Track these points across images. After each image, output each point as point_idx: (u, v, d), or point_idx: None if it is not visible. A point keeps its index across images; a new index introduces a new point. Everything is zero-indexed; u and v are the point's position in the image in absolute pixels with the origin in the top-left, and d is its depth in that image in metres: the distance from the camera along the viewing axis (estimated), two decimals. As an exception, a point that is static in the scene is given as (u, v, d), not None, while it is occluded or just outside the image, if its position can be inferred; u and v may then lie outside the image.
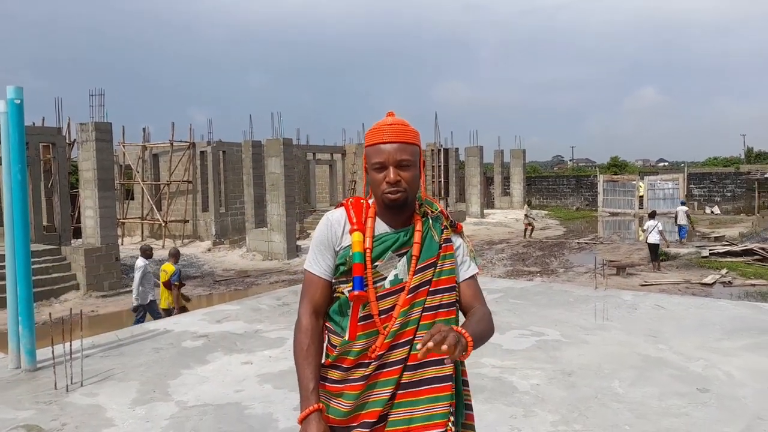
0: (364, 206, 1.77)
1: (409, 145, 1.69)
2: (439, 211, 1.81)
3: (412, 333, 1.68)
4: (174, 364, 5.07)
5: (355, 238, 1.70)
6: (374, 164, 1.68)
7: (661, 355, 5.09)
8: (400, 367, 1.66)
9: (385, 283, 1.69)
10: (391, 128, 1.69)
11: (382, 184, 1.67)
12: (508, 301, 7.35)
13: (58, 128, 16.73)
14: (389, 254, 1.70)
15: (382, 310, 1.68)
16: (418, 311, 1.69)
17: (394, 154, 1.66)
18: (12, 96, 4.93)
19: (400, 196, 1.67)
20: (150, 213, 22.50)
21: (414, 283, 1.69)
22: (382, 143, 1.68)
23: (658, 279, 12.88)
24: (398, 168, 1.66)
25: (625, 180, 33.01)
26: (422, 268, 1.71)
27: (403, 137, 1.68)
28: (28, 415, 4.06)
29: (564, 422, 3.79)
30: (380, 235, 1.72)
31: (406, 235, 1.72)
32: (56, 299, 12.70)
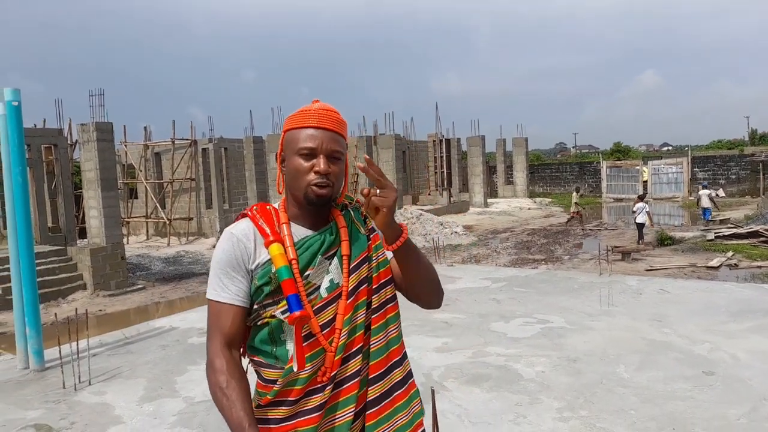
0: (272, 212, 1.53)
1: (340, 136, 1.50)
2: (356, 200, 1.61)
3: (361, 339, 1.48)
4: (181, 361, 5.10)
5: (274, 251, 1.44)
6: (301, 150, 1.45)
7: (666, 339, 5.08)
8: (357, 381, 1.47)
9: (321, 293, 1.45)
10: (323, 113, 1.48)
11: (309, 174, 1.44)
12: (512, 290, 7.35)
13: (60, 129, 16.75)
14: (318, 259, 1.47)
15: (324, 324, 1.44)
16: (362, 314, 1.49)
17: (328, 143, 1.45)
18: (10, 98, 4.93)
19: (327, 192, 1.45)
20: (154, 211, 22.56)
21: (352, 284, 1.47)
22: (314, 127, 1.46)
23: (663, 263, 12.84)
24: (328, 159, 1.46)
25: (628, 165, 32.86)
26: (357, 265, 1.50)
27: (336, 126, 1.49)
28: (38, 414, 4.09)
29: (569, 408, 3.79)
30: (302, 240, 1.49)
31: (332, 233, 1.50)
32: (64, 299, 12.78)
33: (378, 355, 1.50)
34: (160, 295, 13.33)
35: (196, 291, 13.44)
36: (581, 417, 3.67)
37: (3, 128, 5.07)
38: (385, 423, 1.49)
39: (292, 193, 1.50)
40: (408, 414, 1.53)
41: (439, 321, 6.00)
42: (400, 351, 1.57)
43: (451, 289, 7.58)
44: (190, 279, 14.81)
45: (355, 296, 1.48)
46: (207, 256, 18.59)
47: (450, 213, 25.22)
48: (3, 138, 5.10)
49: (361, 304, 1.49)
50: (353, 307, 1.47)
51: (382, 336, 1.52)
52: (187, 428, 3.77)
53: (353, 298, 1.48)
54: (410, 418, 1.53)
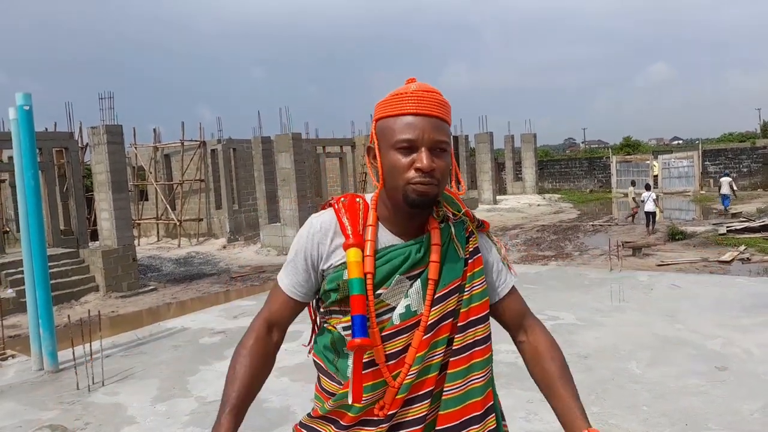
0: (360, 207, 1.30)
1: (445, 123, 1.23)
2: (464, 212, 1.34)
3: (433, 382, 1.25)
4: (193, 361, 5.13)
5: (351, 257, 1.23)
6: (399, 143, 1.20)
7: (678, 335, 5.05)
8: (420, 428, 1.24)
9: (393, 318, 1.24)
10: (423, 95, 1.21)
11: (409, 171, 1.19)
12: (522, 287, 7.29)
13: (70, 133, 16.91)
14: (397, 277, 1.24)
15: (391, 354, 1.23)
16: (440, 354, 1.25)
17: (430, 132, 1.19)
18: (21, 102, 4.99)
19: (431, 190, 1.20)
20: (164, 213, 22.72)
21: (433, 317, 1.24)
22: (412, 114, 1.20)
23: (674, 258, 12.74)
24: (432, 152, 1.20)
25: (638, 160, 32.62)
26: (443, 296, 1.25)
27: (440, 111, 1.22)
28: (53, 415, 4.14)
29: (581, 405, 3.78)
30: (385, 250, 1.26)
31: (420, 250, 1.26)
32: (77, 301, 12.91)
33: (451, 405, 1.25)
34: (171, 296, 13.44)
35: (207, 291, 13.52)
36: (593, 413, 3.66)
37: (15, 132, 5.13)
38: None
39: (388, 192, 1.26)
40: None
41: (449, 319, 6.00)
42: (483, 405, 1.29)
43: (460, 286, 7.58)
44: (201, 280, 14.91)
45: (435, 332, 1.24)
46: (218, 256, 18.69)
47: (459, 210, 25.15)
48: (15, 142, 5.16)
49: (441, 341, 1.25)
50: (429, 344, 1.24)
51: (461, 384, 1.26)
52: (200, 428, 3.80)
53: (432, 333, 1.24)
54: None
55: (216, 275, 15.68)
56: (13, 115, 5.12)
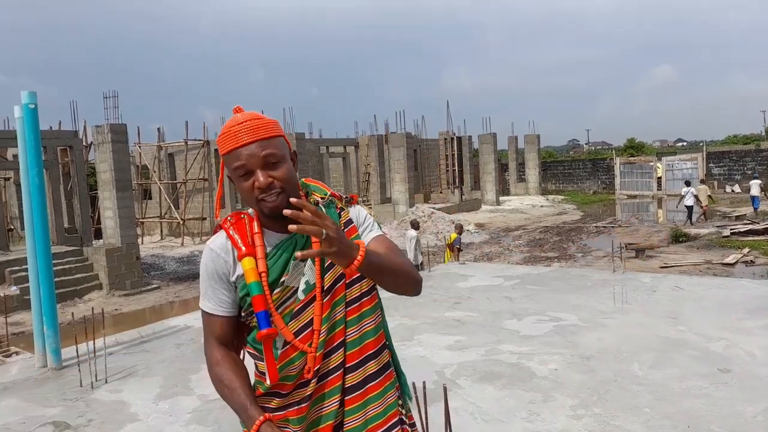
0: (246, 222, 1.53)
1: (270, 140, 1.45)
2: (330, 194, 1.60)
3: (342, 334, 1.53)
4: (195, 359, 5.15)
5: (246, 266, 1.47)
6: (236, 172, 1.44)
7: (681, 337, 5.04)
8: (341, 372, 1.53)
9: (299, 295, 1.49)
10: (243, 126, 1.44)
11: (254, 191, 1.43)
12: (525, 287, 7.33)
13: (75, 131, 16.98)
14: (292, 263, 1.48)
15: (304, 325, 1.49)
16: (341, 309, 1.52)
17: (257, 154, 1.42)
18: (26, 101, 5.01)
19: (281, 200, 1.42)
20: (168, 212, 22.77)
21: (327, 282, 1.50)
22: (239, 147, 1.43)
23: (678, 260, 12.72)
24: (266, 168, 1.43)
25: (642, 161, 32.55)
26: (331, 263, 1.50)
27: (260, 133, 1.45)
28: (56, 412, 4.16)
29: (583, 406, 3.78)
30: (276, 248, 1.50)
31: (302, 236, 1.49)
32: (80, 299, 12.96)
33: (352, 347, 1.54)
34: (174, 294, 13.48)
35: (209, 290, 13.54)
36: (595, 415, 3.66)
37: (20, 131, 5.15)
38: (359, 411, 1.55)
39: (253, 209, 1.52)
40: (381, 405, 1.57)
41: (452, 319, 6.00)
42: (377, 343, 1.59)
43: (463, 287, 7.57)
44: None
45: (332, 294, 1.51)
46: (220, 255, 18.74)
47: (462, 211, 25.16)
48: (20, 140, 5.19)
49: (339, 300, 1.52)
50: (330, 305, 1.50)
51: (356, 329, 1.54)
52: (202, 425, 3.81)
53: (330, 296, 1.50)
54: (383, 408, 1.57)
55: (219, 274, 15.69)
56: (18, 113, 5.14)
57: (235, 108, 1.52)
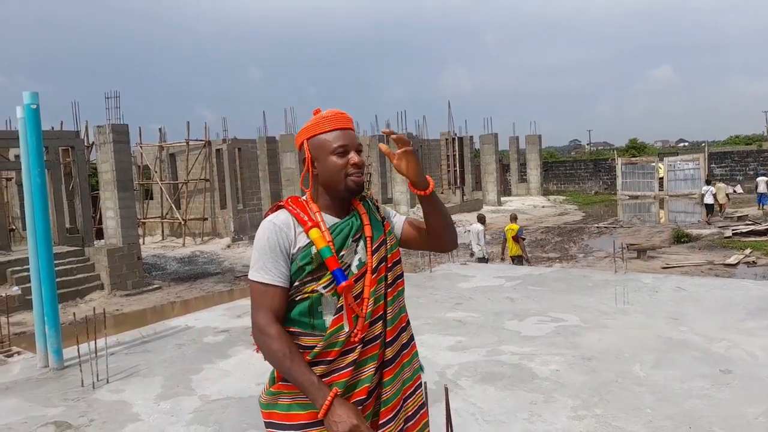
0: (305, 204, 1.79)
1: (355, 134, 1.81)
2: (369, 193, 1.91)
3: (382, 308, 1.77)
4: (196, 360, 5.15)
5: (314, 235, 1.70)
6: (337, 148, 1.72)
7: (683, 337, 5.03)
8: (378, 342, 1.75)
9: (352, 269, 1.72)
10: (341, 116, 1.76)
11: (347, 167, 1.72)
12: (526, 288, 7.32)
13: (77, 132, 16.99)
14: (349, 242, 1.74)
15: (355, 296, 1.72)
16: (382, 287, 1.77)
17: (353, 139, 1.75)
18: (28, 101, 5.02)
19: (362, 179, 1.76)
20: (169, 212, 22.78)
21: (375, 262, 1.76)
22: (340, 129, 1.74)
23: (680, 261, 12.70)
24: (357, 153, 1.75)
25: (644, 162, 32.50)
26: (377, 246, 1.78)
27: (351, 125, 1.79)
28: (58, 412, 4.17)
29: (584, 407, 3.78)
30: (334, 226, 1.75)
31: (357, 219, 1.78)
32: (82, 299, 12.96)
33: (392, 322, 1.78)
34: (175, 294, 13.48)
35: (211, 290, 13.56)
36: (596, 415, 3.65)
37: (22, 131, 5.16)
38: (395, 380, 1.78)
39: (328, 188, 1.76)
40: (410, 369, 1.85)
41: (453, 319, 6.00)
42: (406, 319, 1.87)
43: (464, 287, 7.57)
44: (205, 279, 14.95)
45: (377, 272, 1.76)
46: (222, 255, 18.74)
47: (463, 212, 25.15)
48: (22, 140, 5.19)
49: (381, 278, 1.77)
50: (376, 281, 1.75)
51: (396, 305, 1.80)
52: (203, 426, 3.81)
53: (376, 273, 1.75)
54: (412, 372, 1.86)
55: (220, 274, 15.71)
56: (20, 113, 5.15)
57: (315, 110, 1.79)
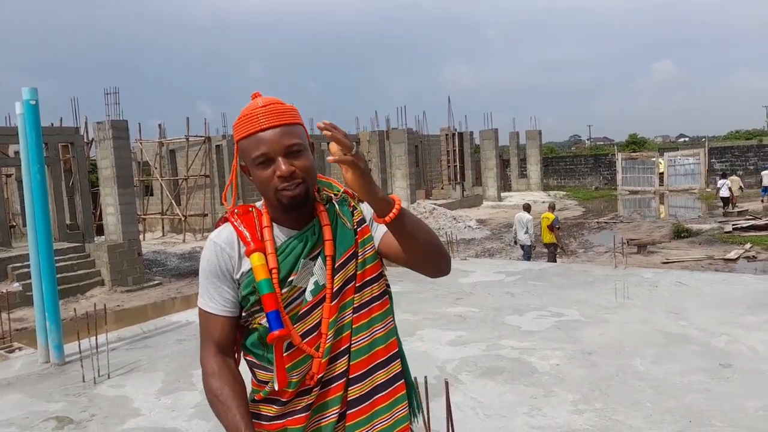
0: (255, 215, 1.43)
1: (293, 126, 1.36)
2: (342, 191, 1.50)
3: (348, 339, 1.42)
4: (197, 355, 5.12)
5: (255, 262, 1.36)
6: (256, 159, 1.33)
7: (683, 332, 5.04)
8: (343, 382, 1.43)
9: (306, 296, 1.39)
10: (266, 110, 1.35)
11: (273, 180, 1.33)
12: (526, 283, 7.33)
13: (76, 128, 16.97)
14: (302, 262, 1.39)
15: (311, 328, 1.40)
16: (348, 314, 1.42)
17: (280, 141, 1.33)
18: (27, 97, 5.01)
19: (300, 191, 1.34)
20: (170, 208, 22.79)
21: (337, 284, 1.40)
22: (260, 131, 1.33)
23: (680, 256, 12.71)
24: (288, 157, 1.33)
25: (644, 157, 32.50)
26: (342, 264, 1.42)
27: (284, 118, 1.35)
28: (59, 407, 4.18)
29: (585, 401, 3.79)
30: (284, 244, 1.41)
31: (314, 233, 1.42)
32: (82, 295, 12.98)
33: (359, 355, 1.43)
34: (176, 290, 13.50)
35: (211, 286, 13.57)
36: (596, 409, 3.66)
37: (21, 127, 5.15)
38: (364, 425, 1.43)
39: (266, 200, 1.42)
40: (390, 418, 1.45)
41: (453, 314, 6.01)
42: (387, 351, 1.47)
43: (464, 282, 7.58)
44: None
45: (341, 296, 1.41)
46: (222, 251, 18.77)
47: (463, 207, 25.15)
48: (22, 137, 5.19)
49: (348, 303, 1.42)
50: (338, 308, 1.41)
51: (365, 335, 1.44)
52: (204, 420, 3.82)
53: (338, 299, 1.41)
54: (392, 422, 1.45)
55: (221, 270, 15.72)
56: (19, 109, 5.14)
57: (253, 93, 1.41)
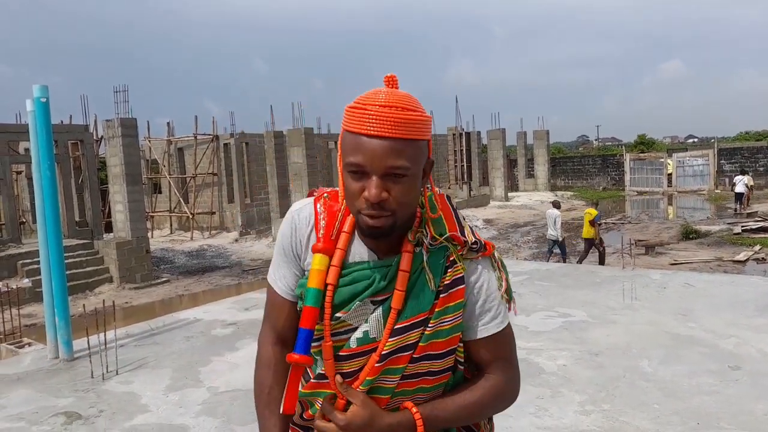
0: (341, 210, 1.19)
1: (410, 143, 1.06)
2: (449, 236, 1.15)
3: (385, 402, 1.17)
4: (205, 352, 5.19)
5: (315, 264, 1.16)
6: (348, 166, 1.07)
7: (691, 334, 5.01)
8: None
9: (350, 341, 1.16)
10: (382, 113, 1.04)
11: (359, 199, 1.08)
12: (533, 283, 7.31)
13: (86, 126, 17.09)
14: (356, 304, 1.15)
15: (344, 374, 1.18)
16: (393, 380, 1.17)
17: (383, 158, 1.04)
18: (38, 95, 5.05)
19: (384, 223, 1.08)
20: (178, 206, 22.89)
21: (389, 347, 1.14)
22: (366, 135, 1.05)
23: (688, 257, 12.63)
24: (386, 179, 1.05)
25: (652, 158, 32.29)
26: (405, 327, 1.14)
27: (401, 131, 1.05)
28: (68, 402, 4.21)
29: (592, 402, 3.77)
30: (352, 267, 1.16)
31: (385, 277, 1.14)
32: (91, 292, 13.07)
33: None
34: (184, 287, 13.57)
35: (219, 284, 13.63)
36: (603, 410, 3.65)
37: (32, 124, 5.20)
38: None
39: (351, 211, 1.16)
40: None
41: (460, 314, 6.00)
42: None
43: (471, 282, 7.57)
44: (213, 272, 15.03)
45: (390, 361, 1.15)
46: (230, 249, 18.83)
47: (470, 207, 25.12)
48: (32, 134, 5.23)
49: (394, 370, 1.16)
50: (381, 371, 1.16)
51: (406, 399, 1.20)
52: (212, 417, 3.84)
53: (387, 361, 1.15)
54: None
55: (228, 268, 15.79)
56: (30, 107, 5.18)
57: (387, 77, 1.12)
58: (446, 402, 1.18)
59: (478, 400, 1.18)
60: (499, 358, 1.22)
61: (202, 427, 3.73)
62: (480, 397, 1.18)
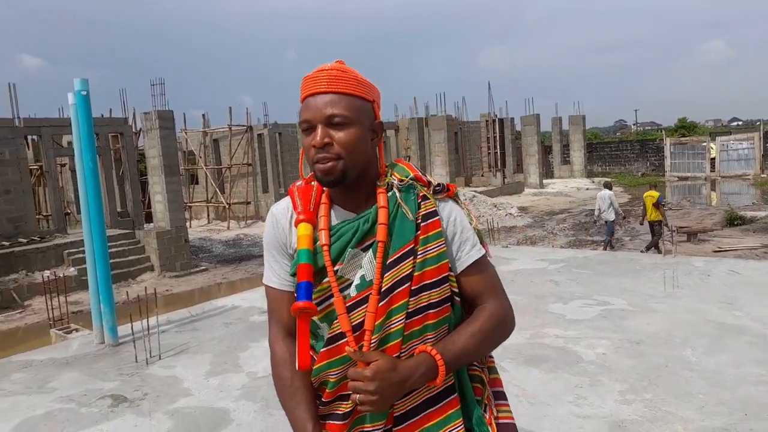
0: (314, 189, 1.32)
1: (346, 96, 1.21)
2: (413, 176, 1.31)
3: (397, 348, 1.23)
4: (243, 338, 5.29)
5: (300, 231, 1.25)
6: (302, 125, 1.23)
7: (737, 323, 4.85)
8: None
9: (351, 291, 1.24)
10: (324, 74, 1.22)
11: (310, 149, 1.22)
12: (570, 271, 7.18)
13: (125, 119, 17.53)
14: (349, 251, 1.24)
15: (354, 326, 1.23)
16: (399, 319, 1.23)
17: (323, 108, 1.20)
18: (79, 88, 5.19)
19: (333, 167, 1.20)
20: (214, 196, 23.35)
21: (387, 283, 1.22)
22: (310, 95, 1.23)
23: (733, 244, 12.20)
24: (330, 127, 1.20)
25: (694, 142, 31.26)
26: (395, 260, 1.23)
27: (339, 86, 1.21)
28: (114, 385, 4.36)
29: (633, 391, 3.70)
30: (335, 228, 1.28)
31: (368, 221, 1.25)
32: (133, 280, 13.48)
33: None
34: (221, 276, 13.86)
35: (255, 272, 13.86)
36: (645, 400, 3.57)
37: (74, 117, 5.35)
38: None
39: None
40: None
41: (495, 302, 5.95)
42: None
43: (506, 270, 7.49)
44: (250, 261, 15.29)
45: (390, 298, 1.23)
46: (264, 238, 19.13)
47: (504, 194, 24.82)
48: (74, 126, 5.39)
49: (398, 308, 1.23)
50: (387, 311, 1.22)
51: (416, 343, 1.25)
52: (251, 401, 3.92)
53: (387, 300, 1.22)
54: None
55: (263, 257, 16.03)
56: (71, 100, 5.33)
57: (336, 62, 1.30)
58: (454, 337, 1.27)
59: (481, 327, 1.28)
60: (489, 287, 1.33)
61: (242, 410, 3.82)
62: (482, 324, 1.28)
